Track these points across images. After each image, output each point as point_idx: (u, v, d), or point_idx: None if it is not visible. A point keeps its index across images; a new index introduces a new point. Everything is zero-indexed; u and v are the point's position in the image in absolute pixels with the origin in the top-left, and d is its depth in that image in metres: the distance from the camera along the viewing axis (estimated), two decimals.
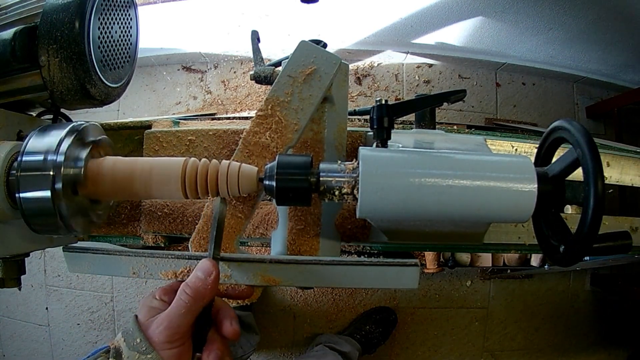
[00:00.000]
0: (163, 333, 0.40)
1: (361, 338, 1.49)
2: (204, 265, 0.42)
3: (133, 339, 0.41)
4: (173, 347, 0.40)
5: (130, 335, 0.41)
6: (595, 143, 0.40)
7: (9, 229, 0.49)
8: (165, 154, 0.66)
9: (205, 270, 0.42)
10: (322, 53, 0.53)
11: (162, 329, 0.40)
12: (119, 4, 0.54)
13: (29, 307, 1.66)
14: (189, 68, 1.71)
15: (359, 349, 1.45)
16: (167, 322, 0.41)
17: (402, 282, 0.49)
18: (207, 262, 0.42)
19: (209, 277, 0.41)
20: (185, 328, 0.41)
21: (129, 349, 0.41)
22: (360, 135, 0.67)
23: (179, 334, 0.40)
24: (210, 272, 0.42)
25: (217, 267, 0.42)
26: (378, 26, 1.53)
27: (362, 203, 0.43)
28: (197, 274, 0.42)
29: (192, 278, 0.42)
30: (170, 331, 0.40)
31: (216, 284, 0.42)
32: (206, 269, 0.42)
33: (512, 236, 0.70)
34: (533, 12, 1.37)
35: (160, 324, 0.41)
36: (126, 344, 0.41)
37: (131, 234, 0.70)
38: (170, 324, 0.40)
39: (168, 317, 0.41)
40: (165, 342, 0.40)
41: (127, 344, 0.41)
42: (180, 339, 0.41)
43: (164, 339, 0.40)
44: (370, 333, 1.50)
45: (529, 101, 1.74)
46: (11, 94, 0.52)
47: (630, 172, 0.80)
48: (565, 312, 1.68)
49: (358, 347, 1.45)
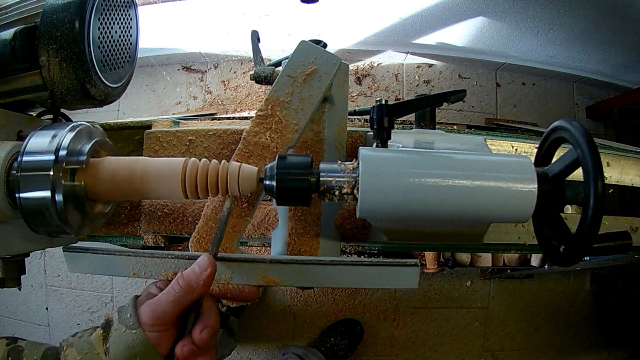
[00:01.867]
0: (148, 314, 0.42)
1: (326, 350, 1.49)
2: (201, 261, 0.43)
3: (125, 314, 0.43)
4: (155, 330, 0.42)
5: (124, 310, 0.44)
6: (595, 143, 0.40)
7: (9, 229, 0.49)
8: (165, 154, 0.66)
9: (201, 266, 0.42)
10: (322, 53, 0.53)
11: (148, 310, 0.42)
12: (119, 4, 0.54)
13: (29, 307, 1.66)
14: (189, 68, 1.71)
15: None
16: (155, 306, 0.42)
17: (402, 282, 0.49)
18: (205, 258, 0.43)
19: (204, 273, 0.42)
20: (169, 315, 0.42)
21: (119, 322, 0.43)
22: (360, 135, 0.67)
23: (162, 319, 0.42)
24: (206, 268, 0.42)
25: (214, 264, 0.43)
26: (378, 26, 1.53)
27: (362, 203, 0.43)
28: (194, 267, 0.43)
29: (188, 270, 0.43)
30: (155, 314, 0.42)
31: (209, 281, 0.42)
32: (202, 264, 0.42)
33: (512, 236, 0.70)
34: (533, 12, 1.37)
35: (148, 305, 0.43)
36: (118, 317, 0.43)
37: (131, 234, 0.70)
38: (156, 307, 0.42)
39: (157, 301, 0.43)
40: (149, 324, 0.42)
41: (119, 316, 0.43)
42: (164, 324, 0.42)
43: (148, 320, 0.42)
44: (335, 345, 1.51)
45: (529, 101, 1.74)
46: (11, 94, 0.52)
47: (630, 172, 0.80)
48: (565, 312, 1.68)
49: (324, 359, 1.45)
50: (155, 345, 0.42)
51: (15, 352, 0.46)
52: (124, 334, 0.42)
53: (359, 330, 1.57)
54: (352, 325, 1.56)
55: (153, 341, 0.42)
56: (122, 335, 0.42)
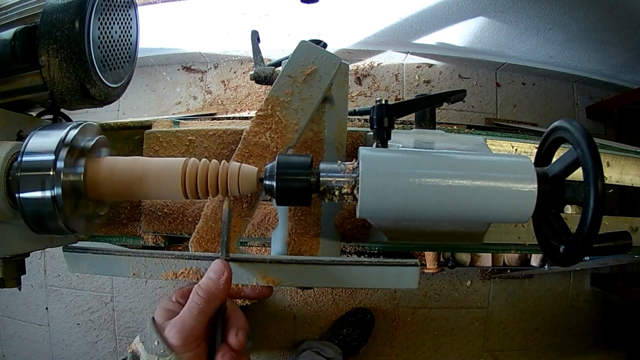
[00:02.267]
0: (176, 336, 0.40)
1: (340, 342, 1.49)
2: (216, 267, 0.42)
3: (151, 342, 0.41)
4: (188, 350, 0.40)
5: (149, 337, 0.41)
6: (595, 143, 0.40)
7: (9, 229, 0.49)
8: (165, 154, 0.66)
9: (217, 271, 0.41)
10: (322, 53, 0.53)
11: (174, 331, 0.40)
12: (119, 4, 0.54)
13: (29, 307, 1.66)
14: (189, 68, 1.71)
15: (341, 353, 1.45)
16: (180, 325, 0.40)
17: (402, 282, 0.48)
18: (219, 263, 0.42)
19: (221, 278, 0.41)
20: (198, 330, 0.41)
21: (147, 352, 0.40)
22: (360, 135, 0.67)
23: (193, 337, 0.40)
24: (222, 273, 0.41)
25: (229, 267, 0.42)
26: (378, 26, 1.53)
27: (362, 203, 0.43)
28: (210, 275, 0.42)
29: (204, 280, 0.41)
30: (184, 334, 0.40)
31: (228, 285, 0.42)
32: (218, 269, 0.42)
33: (512, 236, 0.70)
34: (533, 12, 1.37)
35: (173, 326, 0.41)
36: (144, 347, 0.41)
37: (131, 234, 0.70)
38: (183, 326, 0.40)
39: (181, 320, 0.40)
40: (180, 346, 0.40)
41: (145, 346, 0.41)
42: (195, 341, 0.41)
43: (178, 342, 0.40)
44: (348, 336, 1.51)
45: (529, 101, 1.74)
46: (11, 94, 0.52)
47: (630, 172, 0.80)
48: (565, 312, 1.68)
49: (339, 351, 1.45)
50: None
51: None
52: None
53: (369, 319, 1.57)
54: (362, 314, 1.56)
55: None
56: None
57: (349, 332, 1.51)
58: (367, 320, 1.56)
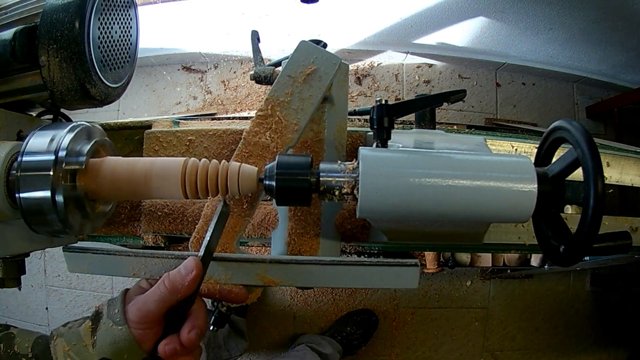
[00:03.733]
0: (134, 312, 0.43)
1: (342, 339, 1.49)
2: (187, 263, 0.43)
3: (113, 308, 0.44)
4: (140, 327, 0.43)
5: (113, 304, 0.44)
6: (595, 143, 0.40)
7: (9, 229, 0.49)
8: (165, 154, 0.66)
9: (187, 268, 0.43)
10: (322, 53, 0.53)
11: (134, 308, 0.43)
12: (119, 4, 0.54)
13: (29, 307, 1.66)
14: (189, 68, 1.71)
15: (340, 350, 1.45)
16: (141, 304, 0.43)
17: (402, 282, 0.48)
18: (191, 261, 0.43)
19: (188, 275, 0.43)
20: (154, 314, 0.43)
21: (107, 316, 0.44)
22: (360, 135, 0.67)
23: (147, 318, 0.43)
24: (191, 271, 0.43)
25: (200, 267, 0.43)
26: (378, 26, 1.53)
27: (362, 203, 0.43)
28: (180, 268, 0.43)
29: (174, 271, 0.44)
30: (141, 312, 0.43)
31: (194, 283, 0.43)
32: (188, 266, 0.43)
33: (512, 236, 0.70)
34: (533, 12, 1.37)
35: (135, 303, 0.44)
36: (107, 311, 0.44)
37: (131, 234, 0.70)
38: (142, 306, 0.43)
39: (143, 300, 0.43)
40: (135, 321, 0.43)
41: (108, 310, 0.44)
42: (148, 322, 0.43)
43: (134, 318, 0.43)
44: (350, 334, 1.51)
45: (529, 101, 1.74)
46: (11, 94, 0.52)
47: (630, 172, 0.80)
48: (565, 312, 1.68)
49: (339, 348, 1.45)
50: (139, 342, 0.43)
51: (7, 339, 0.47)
52: (110, 329, 0.43)
53: (374, 321, 1.57)
54: (368, 315, 1.56)
55: (138, 338, 0.42)
56: (108, 329, 0.43)
57: (352, 330, 1.51)
58: (372, 322, 1.56)
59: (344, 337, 1.50)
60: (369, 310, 1.58)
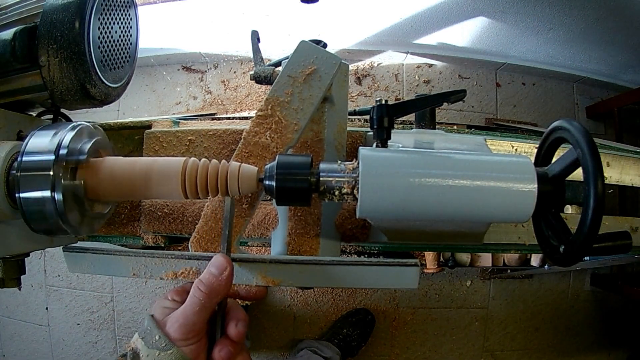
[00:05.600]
0: (178, 330, 0.40)
1: (339, 342, 1.48)
2: (218, 262, 0.42)
3: (152, 337, 0.41)
4: (189, 343, 0.41)
5: (149, 333, 0.41)
6: (595, 143, 0.40)
7: (9, 229, 0.49)
8: (165, 154, 0.66)
9: (219, 267, 0.42)
10: (322, 53, 0.53)
11: (177, 326, 0.41)
12: (119, 4, 0.54)
13: (29, 307, 1.66)
14: (189, 68, 1.71)
15: (339, 353, 1.45)
16: (183, 319, 0.41)
17: (402, 282, 0.49)
18: (221, 258, 0.42)
19: (223, 273, 0.41)
20: (200, 325, 0.41)
21: (147, 347, 0.41)
22: (360, 135, 0.67)
23: (195, 331, 0.41)
24: (224, 268, 0.42)
25: (231, 263, 0.42)
26: (378, 26, 1.53)
27: (362, 203, 0.43)
28: (211, 269, 0.42)
29: (205, 274, 0.42)
30: (186, 328, 0.40)
31: (230, 280, 0.42)
32: (220, 265, 0.42)
33: (512, 236, 0.70)
34: (533, 12, 1.37)
35: (175, 320, 0.41)
36: (144, 343, 0.41)
37: (131, 234, 0.70)
38: (185, 320, 0.41)
39: (183, 314, 0.41)
40: (181, 339, 0.40)
41: (145, 342, 0.41)
42: (196, 335, 0.41)
43: (180, 336, 0.40)
44: (348, 336, 1.50)
45: (529, 101, 1.74)
46: (11, 94, 0.52)
47: (630, 172, 0.80)
48: (565, 312, 1.68)
49: (337, 351, 1.45)
50: (193, 358, 0.41)
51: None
52: (158, 358, 0.40)
53: (370, 319, 1.56)
54: (363, 315, 1.56)
55: (190, 355, 0.40)
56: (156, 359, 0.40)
57: (349, 332, 1.51)
58: (368, 321, 1.56)
59: (342, 339, 1.49)
60: (364, 309, 1.58)
